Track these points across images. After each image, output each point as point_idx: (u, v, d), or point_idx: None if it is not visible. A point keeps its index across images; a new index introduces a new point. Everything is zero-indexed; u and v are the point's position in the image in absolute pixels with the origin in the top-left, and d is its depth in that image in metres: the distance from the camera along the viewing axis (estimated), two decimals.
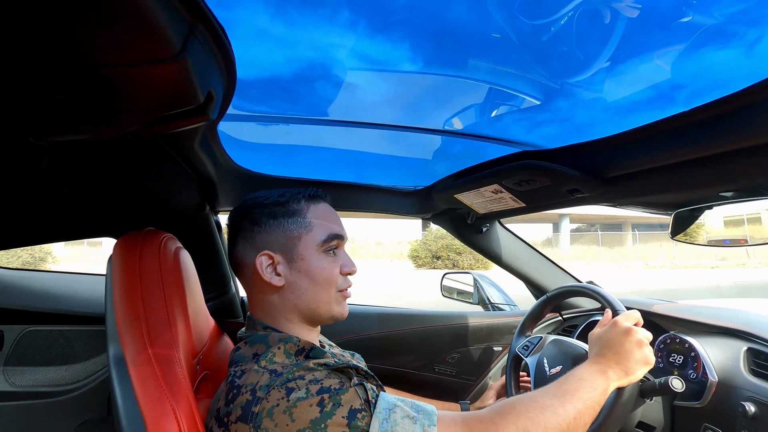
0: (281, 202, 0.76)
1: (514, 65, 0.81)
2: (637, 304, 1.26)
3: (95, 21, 0.34)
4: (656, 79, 0.77)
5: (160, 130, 0.55)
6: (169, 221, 1.11)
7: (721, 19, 0.62)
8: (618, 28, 0.67)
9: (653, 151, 0.79)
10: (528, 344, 1.16)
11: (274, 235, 0.75)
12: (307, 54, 0.75)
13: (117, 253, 0.74)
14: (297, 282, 0.74)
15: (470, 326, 1.53)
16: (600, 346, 0.81)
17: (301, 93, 0.83)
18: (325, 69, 0.80)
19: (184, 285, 0.77)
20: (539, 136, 1.04)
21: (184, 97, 0.47)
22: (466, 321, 1.53)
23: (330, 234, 0.76)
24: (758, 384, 0.88)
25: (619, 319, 0.83)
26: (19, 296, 1.31)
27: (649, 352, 0.79)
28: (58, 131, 0.52)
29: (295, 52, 0.73)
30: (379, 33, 0.73)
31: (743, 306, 1.24)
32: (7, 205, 0.80)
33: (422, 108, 1.00)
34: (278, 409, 0.58)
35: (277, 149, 1.23)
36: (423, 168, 1.35)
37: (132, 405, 0.58)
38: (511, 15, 0.66)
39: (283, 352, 0.68)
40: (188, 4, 0.39)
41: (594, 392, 0.72)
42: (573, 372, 0.77)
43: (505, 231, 1.61)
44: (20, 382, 1.26)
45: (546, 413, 0.66)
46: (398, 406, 0.62)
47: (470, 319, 1.54)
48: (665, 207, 1.10)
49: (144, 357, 0.63)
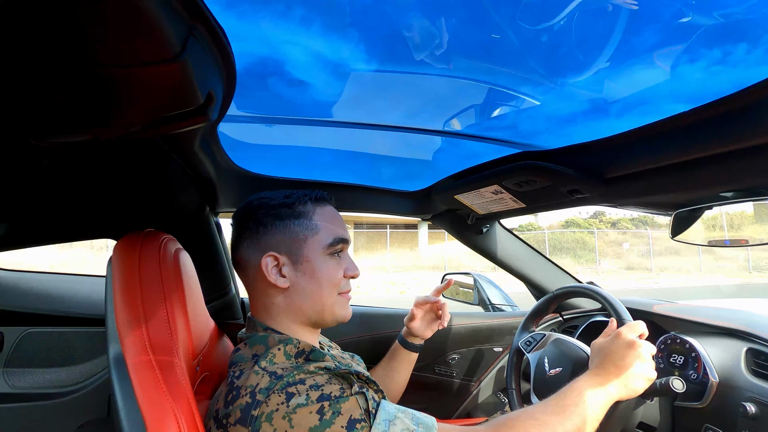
0: (288, 203, 0.76)
1: (513, 66, 0.81)
2: (637, 305, 1.26)
3: (95, 22, 0.34)
4: (656, 79, 0.77)
5: (160, 131, 0.55)
6: (169, 222, 1.11)
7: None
8: (618, 27, 0.67)
9: (653, 152, 0.79)
10: (531, 340, 1.16)
11: (280, 237, 0.75)
12: (262, 50, 0.73)
13: (117, 254, 0.73)
14: (302, 284, 0.74)
15: (470, 327, 1.53)
16: (602, 358, 0.81)
17: (250, 88, 0.82)
18: (294, 66, 0.79)
19: (184, 286, 0.77)
20: (539, 137, 1.04)
21: (183, 98, 0.47)
22: (466, 322, 1.53)
23: (336, 237, 0.77)
24: (759, 384, 0.88)
25: (624, 330, 0.82)
26: (20, 298, 1.31)
27: (651, 366, 0.79)
28: (58, 132, 0.52)
29: (247, 47, 0.71)
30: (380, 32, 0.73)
31: (743, 306, 1.24)
32: (7, 206, 0.80)
33: (422, 109, 1.00)
34: (277, 414, 0.58)
35: (277, 150, 1.23)
36: (423, 169, 1.35)
37: (132, 406, 0.58)
38: (511, 17, 0.66)
39: (282, 353, 0.68)
40: (188, 4, 0.39)
41: (594, 408, 0.73)
42: (573, 385, 0.77)
43: (505, 232, 1.61)
44: (20, 383, 1.25)
45: (545, 431, 0.67)
46: (398, 417, 0.62)
47: (470, 320, 1.54)
48: (665, 207, 1.10)
49: (144, 358, 0.63)
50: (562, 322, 1.48)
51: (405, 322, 1.08)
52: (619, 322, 0.89)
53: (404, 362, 1.07)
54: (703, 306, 1.22)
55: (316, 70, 0.82)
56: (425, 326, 1.07)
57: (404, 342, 1.08)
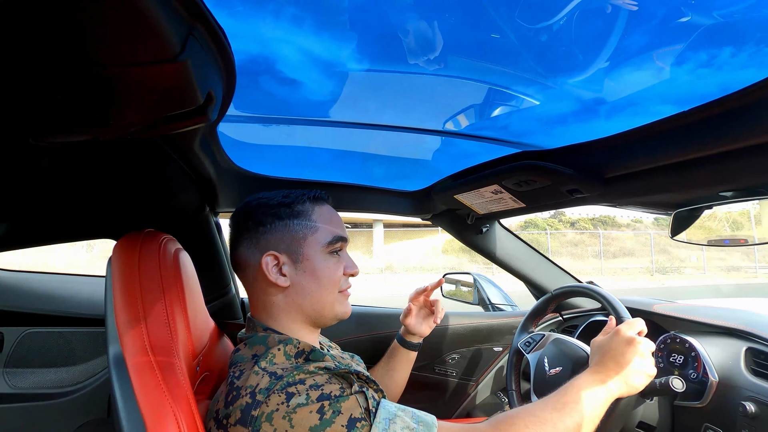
0: (286, 203, 0.77)
1: (513, 65, 0.81)
2: (637, 304, 1.26)
3: (95, 22, 0.34)
4: (656, 79, 0.77)
5: (160, 131, 0.55)
6: (169, 222, 1.11)
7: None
8: (617, 27, 0.67)
9: (653, 151, 0.79)
10: (530, 340, 1.16)
11: (279, 236, 0.75)
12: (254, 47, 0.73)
13: (117, 254, 0.74)
14: (302, 282, 0.75)
15: (470, 327, 1.53)
16: (601, 355, 0.81)
17: (249, 87, 0.82)
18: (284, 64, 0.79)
19: (184, 286, 0.77)
20: (539, 137, 1.04)
21: (183, 98, 0.47)
22: (465, 321, 1.53)
23: (335, 236, 0.78)
24: (759, 384, 0.88)
25: (623, 328, 0.82)
26: (20, 298, 1.31)
27: (650, 363, 0.79)
28: (58, 132, 0.52)
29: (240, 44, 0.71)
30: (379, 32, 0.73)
31: (743, 306, 1.24)
32: (7, 206, 0.80)
33: (422, 109, 1.00)
34: (278, 414, 0.58)
35: (277, 150, 1.23)
36: (423, 169, 1.35)
37: (132, 406, 0.58)
38: (510, 17, 0.67)
39: (282, 353, 0.68)
40: (188, 4, 0.39)
41: (594, 404, 0.73)
42: (573, 382, 0.77)
43: (505, 231, 1.61)
44: (20, 384, 1.25)
45: (546, 428, 0.67)
46: (398, 416, 0.62)
47: (470, 320, 1.54)
48: (665, 207, 1.10)
49: (144, 358, 0.63)
50: (561, 321, 1.48)
51: (401, 320, 1.08)
52: (618, 320, 0.89)
53: (403, 361, 1.07)
54: (702, 305, 1.22)
55: (314, 69, 0.82)
56: (421, 322, 1.08)
57: (403, 341, 1.08)
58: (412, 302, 1.08)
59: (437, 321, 1.06)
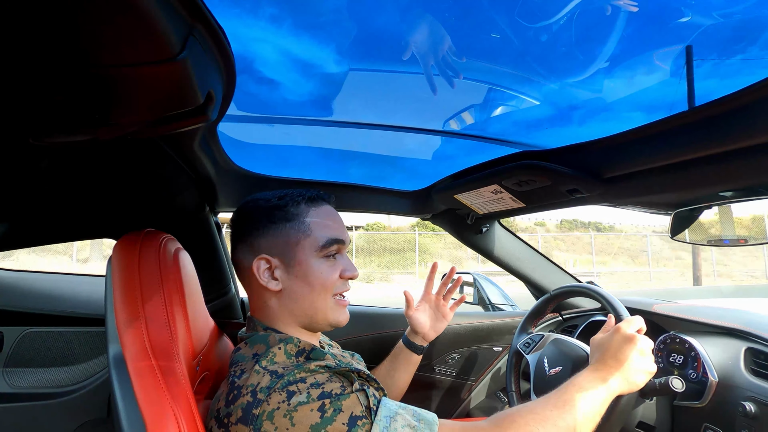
0: (279, 205, 0.75)
1: (513, 65, 0.81)
2: (637, 304, 1.26)
3: (95, 21, 0.34)
4: (656, 79, 0.77)
5: (160, 131, 0.55)
6: (169, 222, 1.11)
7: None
8: (617, 28, 0.67)
9: (653, 151, 0.79)
10: (529, 341, 1.16)
11: (272, 239, 0.74)
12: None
13: (117, 254, 0.73)
14: (294, 287, 0.74)
15: (470, 326, 1.53)
16: (601, 353, 0.81)
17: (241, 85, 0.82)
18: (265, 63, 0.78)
19: (184, 286, 0.77)
20: (538, 137, 1.04)
21: (183, 97, 0.47)
22: (465, 321, 1.53)
23: (329, 239, 0.75)
24: (758, 384, 0.88)
25: (622, 325, 0.82)
26: (19, 298, 1.31)
27: (650, 360, 0.79)
28: (58, 132, 0.52)
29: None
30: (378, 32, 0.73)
31: (743, 306, 1.24)
32: (7, 207, 0.80)
33: (422, 109, 1.00)
34: (279, 413, 0.58)
35: (277, 150, 1.23)
36: (423, 168, 1.35)
37: (132, 406, 0.58)
38: (510, 17, 0.67)
39: (283, 352, 0.68)
40: (188, 4, 0.39)
41: (595, 402, 0.72)
42: (574, 380, 0.76)
43: (505, 231, 1.61)
44: (20, 383, 1.25)
45: (547, 425, 0.67)
46: (400, 414, 0.62)
47: (470, 320, 1.54)
48: (665, 207, 1.10)
49: (144, 358, 0.63)
50: (561, 321, 1.48)
51: (405, 313, 1.07)
52: (618, 319, 0.90)
53: (406, 363, 1.07)
54: (702, 306, 1.22)
55: (314, 69, 0.82)
56: (427, 321, 1.06)
57: (408, 343, 1.07)
58: (422, 300, 1.08)
59: (448, 318, 1.07)
